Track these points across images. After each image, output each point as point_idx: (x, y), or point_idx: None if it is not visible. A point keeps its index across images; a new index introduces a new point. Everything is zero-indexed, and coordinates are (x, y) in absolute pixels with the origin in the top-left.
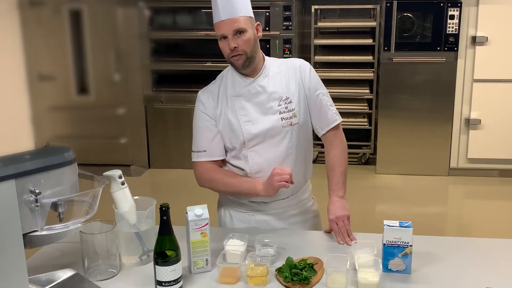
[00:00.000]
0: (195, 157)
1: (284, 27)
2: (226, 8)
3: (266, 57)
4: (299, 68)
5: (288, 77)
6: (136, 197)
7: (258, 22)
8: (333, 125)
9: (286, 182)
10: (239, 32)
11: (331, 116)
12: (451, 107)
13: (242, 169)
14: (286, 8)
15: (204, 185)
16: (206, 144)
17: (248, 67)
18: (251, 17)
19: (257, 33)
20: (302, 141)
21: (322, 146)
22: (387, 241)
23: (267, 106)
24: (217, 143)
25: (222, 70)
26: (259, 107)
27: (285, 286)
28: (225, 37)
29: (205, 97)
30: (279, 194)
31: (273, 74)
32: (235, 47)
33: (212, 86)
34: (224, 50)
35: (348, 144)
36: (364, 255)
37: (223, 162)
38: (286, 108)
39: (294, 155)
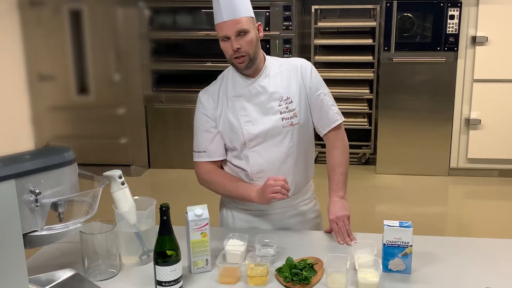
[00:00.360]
0: (196, 157)
1: (284, 27)
2: (228, 9)
3: (267, 57)
4: (300, 68)
5: (289, 77)
6: (136, 197)
7: (259, 22)
8: (334, 125)
9: (280, 193)
10: (242, 33)
11: (332, 116)
12: (451, 107)
13: (244, 170)
14: (286, 8)
15: (203, 185)
16: (205, 145)
17: (250, 68)
18: (252, 17)
19: (258, 33)
20: (303, 141)
21: (322, 146)
22: (387, 241)
23: (267, 106)
24: (216, 144)
25: (222, 70)
26: (259, 107)
27: (285, 286)
28: (227, 38)
29: (205, 98)
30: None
31: (274, 74)
32: (239, 48)
33: (213, 87)
34: (227, 51)
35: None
36: (364, 255)
37: (224, 162)
38: (287, 108)
39: (295, 155)
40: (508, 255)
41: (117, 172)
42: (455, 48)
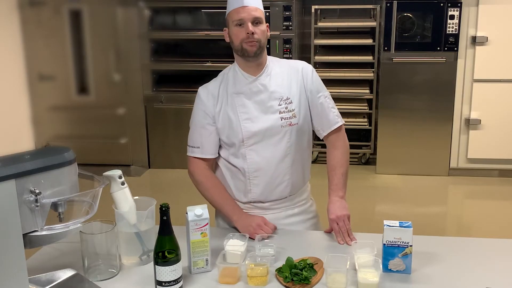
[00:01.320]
0: (189, 152)
1: (284, 27)
2: None
3: (268, 57)
4: (301, 71)
5: (290, 78)
6: (136, 197)
7: (267, 23)
8: (334, 127)
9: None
10: (257, 22)
11: (332, 118)
12: (451, 107)
13: (240, 168)
14: (286, 8)
15: (193, 182)
16: (200, 141)
17: (258, 57)
18: (264, 13)
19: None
20: (301, 142)
21: (322, 146)
22: (387, 241)
23: (267, 105)
24: (211, 142)
25: (222, 70)
26: (259, 105)
27: (285, 286)
28: (241, 24)
29: (205, 94)
30: (277, 195)
31: (275, 74)
32: (253, 33)
33: (213, 84)
34: (238, 36)
35: None
36: (364, 255)
37: (220, 160)
38: (286, 108)
39: (293, 155)
40: (508, 255)
41: (117, 172)
42: (455, 48)
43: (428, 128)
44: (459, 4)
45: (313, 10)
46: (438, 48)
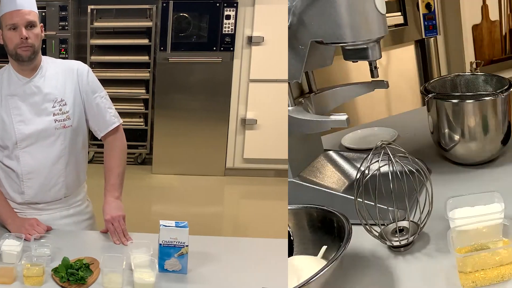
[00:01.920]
0: None
1: (60, 27)
2: None
3: (43, 57)
4: (76, 72)
5: (64, 79)
6: None
7: (41, 24)
8: (111, 128)
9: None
10: (31, 25)
11: (109, 118)
12: (228, 107)
13: (14, 170)
14: (62, 8)
15: None
16: None
17: (32, 61)
18: (38, 15)
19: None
20: (76, 144)
21: (99, 146)
22: (163, 241)
23: (41, 107)
24: None
25: None
26: (33, 107)
27: (61, 286)
28: (14, 29)
29: None
30: (52, 196)
31: (50, 75)
32: (27, 38)
33: None
34: (12, 40)
35: None
36: (140, 255)
37: None
38: (60, 110)
39: (67, 157)
40: (283, 255)
41: None
42: (231, 48)
43: (205, 128)
44: (235, 4)
45: (89, 10)
46: (214, 48)
